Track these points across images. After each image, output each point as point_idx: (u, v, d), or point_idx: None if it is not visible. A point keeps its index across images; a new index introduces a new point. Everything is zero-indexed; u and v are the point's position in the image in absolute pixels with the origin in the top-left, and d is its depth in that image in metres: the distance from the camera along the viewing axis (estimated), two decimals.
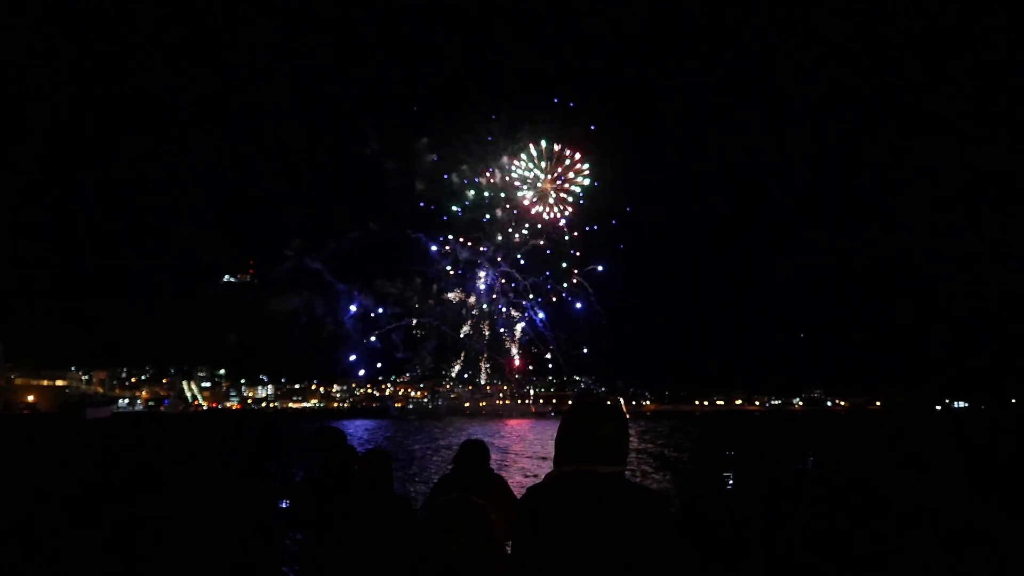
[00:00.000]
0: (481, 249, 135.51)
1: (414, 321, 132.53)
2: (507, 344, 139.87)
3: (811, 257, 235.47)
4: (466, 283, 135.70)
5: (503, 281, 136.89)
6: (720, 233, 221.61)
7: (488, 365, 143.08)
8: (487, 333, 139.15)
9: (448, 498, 2.27)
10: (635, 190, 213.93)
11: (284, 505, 5.17)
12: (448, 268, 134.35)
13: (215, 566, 3.64)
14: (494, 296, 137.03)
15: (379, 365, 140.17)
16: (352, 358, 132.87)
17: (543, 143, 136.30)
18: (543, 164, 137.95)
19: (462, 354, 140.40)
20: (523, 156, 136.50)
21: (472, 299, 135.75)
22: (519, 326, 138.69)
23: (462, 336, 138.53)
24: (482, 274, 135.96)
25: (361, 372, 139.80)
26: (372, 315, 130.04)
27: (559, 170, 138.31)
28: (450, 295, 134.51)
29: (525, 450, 38.25)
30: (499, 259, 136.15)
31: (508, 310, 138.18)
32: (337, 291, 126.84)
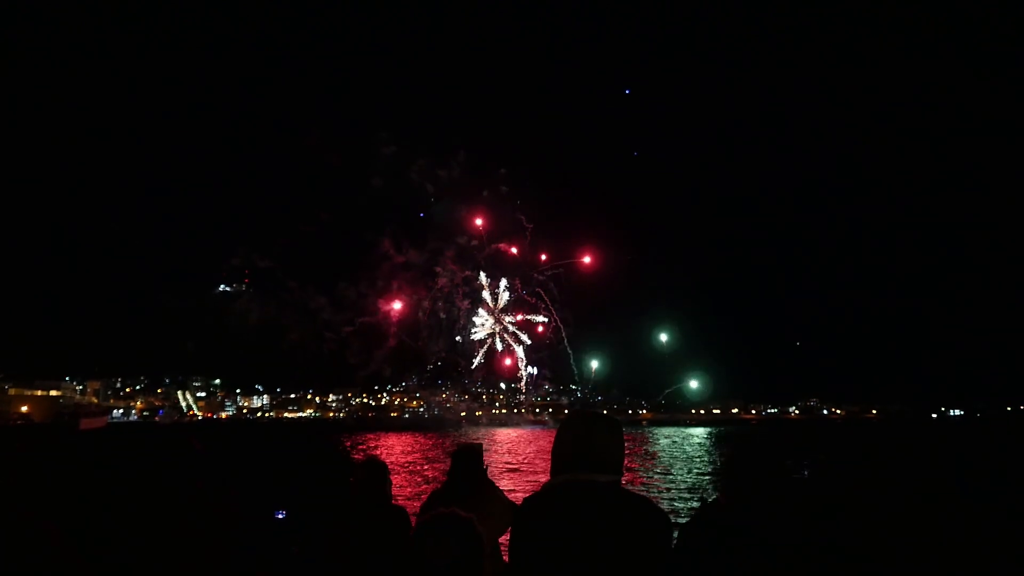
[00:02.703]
0: (440, 251, 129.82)
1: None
2: (476, 352, 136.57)
3: (807, 265, 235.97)
4: (427, 287, 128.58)
5: (464, 288, 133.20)
6: (715, 240, 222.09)
7: (471, 374, 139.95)
8: (472, 339, 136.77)
9: (436, 513, 2.27)
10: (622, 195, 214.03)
11: (280, 516, 5.17)
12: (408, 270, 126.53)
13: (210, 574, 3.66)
14: (465, 302, 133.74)
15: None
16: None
17: None
18: None
19: (431, 361, 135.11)
20: None
21: (428, 303, 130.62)
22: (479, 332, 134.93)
23: (446, 349, 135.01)
24: (443, 277, 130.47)
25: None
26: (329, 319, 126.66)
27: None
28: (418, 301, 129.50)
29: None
30: (458, 262, 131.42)
31: (473, 316, 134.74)
32: (297, 295, 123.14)
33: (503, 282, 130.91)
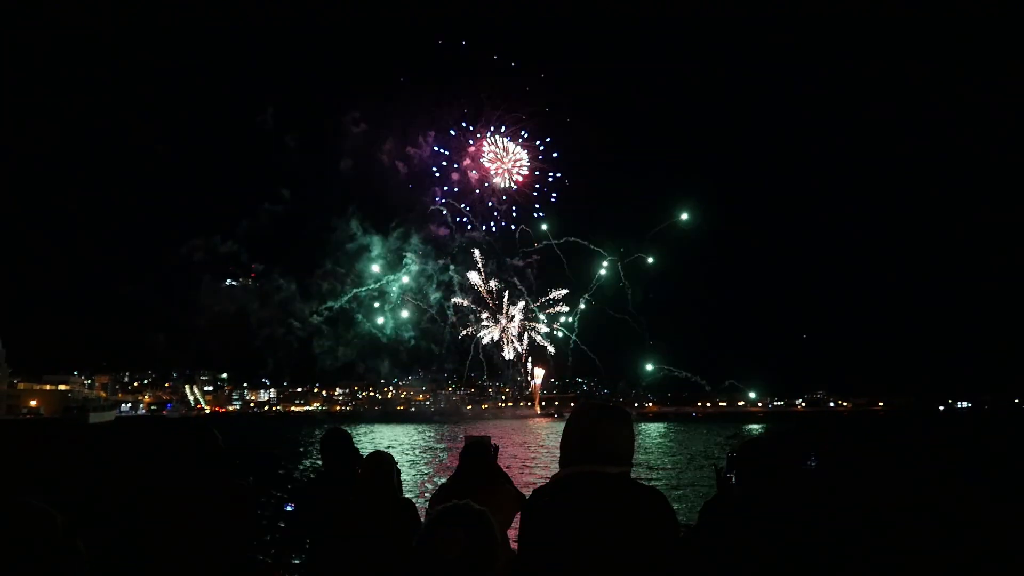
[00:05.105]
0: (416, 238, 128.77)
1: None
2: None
3: (813, 257, 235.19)
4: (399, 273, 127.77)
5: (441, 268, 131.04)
6: (721, 233, 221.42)
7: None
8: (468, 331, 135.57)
9: (449, 504, 2.26)
10: (620, 183, 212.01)
11: (289, 508, 5.19)
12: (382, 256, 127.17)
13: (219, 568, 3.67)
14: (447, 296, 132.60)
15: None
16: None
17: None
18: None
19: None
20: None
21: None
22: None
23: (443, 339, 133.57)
24: (413, 262, 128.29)
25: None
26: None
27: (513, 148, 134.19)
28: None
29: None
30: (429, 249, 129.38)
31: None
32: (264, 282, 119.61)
33: (473, 275, 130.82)
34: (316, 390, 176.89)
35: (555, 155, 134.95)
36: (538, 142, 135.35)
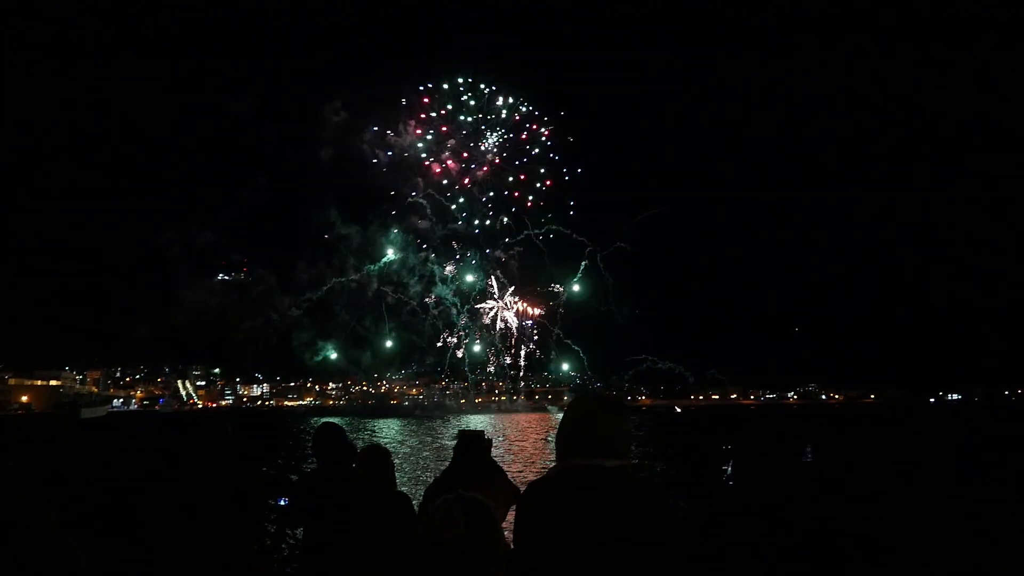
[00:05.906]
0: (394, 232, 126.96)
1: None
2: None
3: (805, 251, 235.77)
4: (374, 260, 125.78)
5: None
6: (713, 225, 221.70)
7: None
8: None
9: (450, 495, 2.24)
10: (613, 175, 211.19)
11: (283, 503, 5.17)
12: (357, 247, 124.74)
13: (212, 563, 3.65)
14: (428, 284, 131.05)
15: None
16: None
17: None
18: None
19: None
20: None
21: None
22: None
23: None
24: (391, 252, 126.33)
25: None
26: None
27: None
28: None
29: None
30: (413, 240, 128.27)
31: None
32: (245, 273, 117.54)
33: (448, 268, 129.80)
34: (309, 384, 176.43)
35: (541, 133, 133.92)
36: (522, 123, 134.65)
